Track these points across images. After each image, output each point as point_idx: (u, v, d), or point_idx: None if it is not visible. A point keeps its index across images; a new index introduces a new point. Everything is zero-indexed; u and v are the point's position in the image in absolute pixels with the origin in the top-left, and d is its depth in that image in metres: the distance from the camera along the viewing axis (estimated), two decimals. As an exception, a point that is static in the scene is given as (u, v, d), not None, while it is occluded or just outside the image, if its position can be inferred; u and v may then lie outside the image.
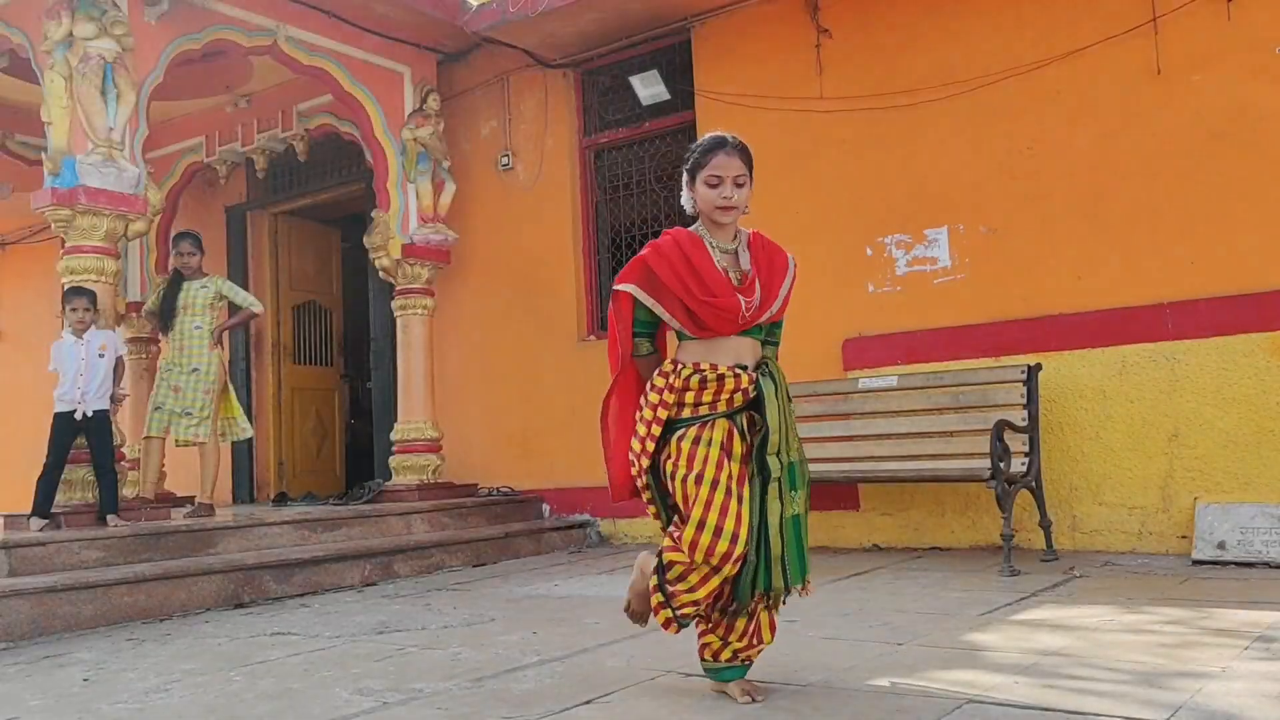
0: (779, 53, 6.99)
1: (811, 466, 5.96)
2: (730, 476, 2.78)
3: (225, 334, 6.72)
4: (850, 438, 6.17)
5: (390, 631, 4.37)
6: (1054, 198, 6.00)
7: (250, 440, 7.43)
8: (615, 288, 3.00)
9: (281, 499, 8.87)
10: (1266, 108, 5.41)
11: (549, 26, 7.39)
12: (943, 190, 6.35)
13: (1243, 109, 5.48)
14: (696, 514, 2.73)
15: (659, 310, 2.93)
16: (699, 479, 2.77)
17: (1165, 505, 5.54)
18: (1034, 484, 5.54)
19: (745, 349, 2.95)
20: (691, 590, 2.79)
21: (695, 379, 2.86)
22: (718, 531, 2.71)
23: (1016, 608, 4.17)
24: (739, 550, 2.73)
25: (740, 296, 2.87)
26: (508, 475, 7.96)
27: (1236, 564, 5.05)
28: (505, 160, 8.21)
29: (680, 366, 2.89)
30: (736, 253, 3.00)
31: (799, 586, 2.89)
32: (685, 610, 2.84)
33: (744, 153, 2.96)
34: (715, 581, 2.77)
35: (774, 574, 2.81)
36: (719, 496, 2.74)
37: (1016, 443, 5.51)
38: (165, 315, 6.53)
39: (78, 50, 6.01)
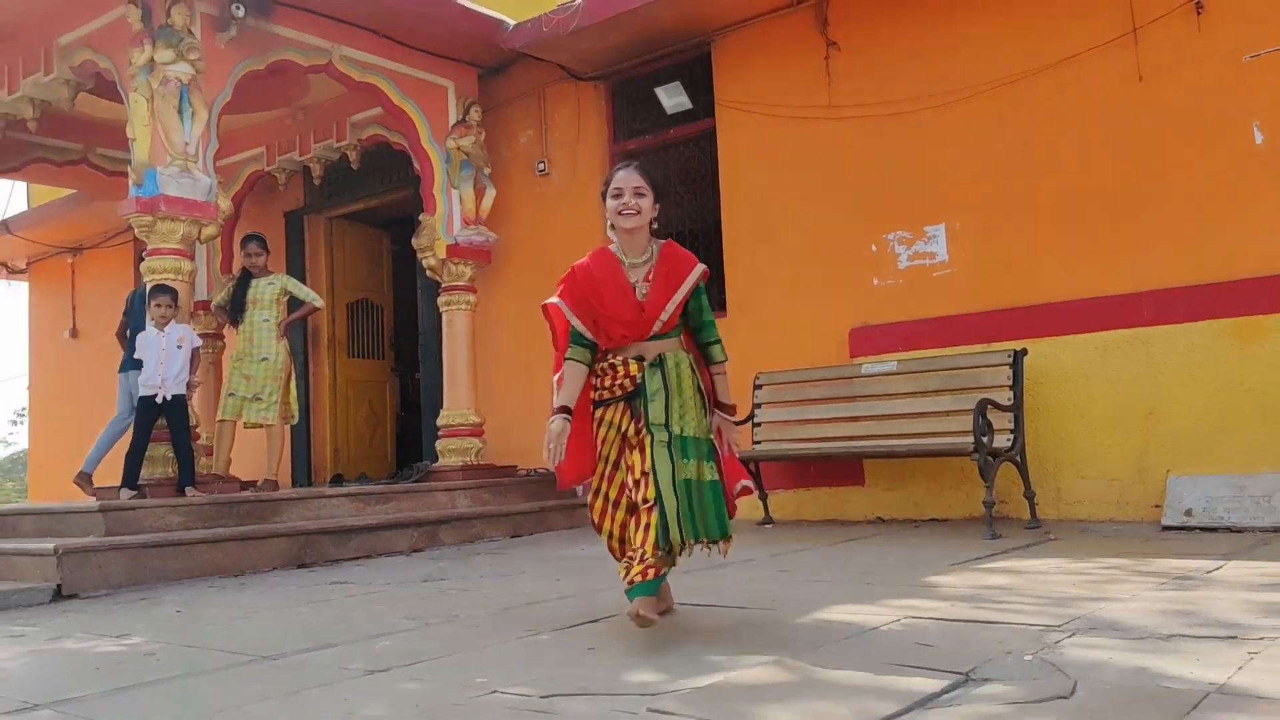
0: (792, 64, 7.55)
1: (819, 444, 6.60)
2: (616, 451, 3.37)
3: (289, 326, 7.42)
4: (855, 418, 6.72)
5: (434, 580, 5.02)
6: (1043, 196, 6.50)
7: (308, 428, 8.11)
8: (543, 303, 3.43)
9: (337, 480, 9.59)
10: (1234, 112, 5.87)
11: (580, 43, 8.02)
12: (941, 190, 6.86)
13: (1214, 113, 5.94)
14: (594, 483, 3.41)
15: (575, 322, 3.34)
16: (601, 457, 3.38)
17: (1141, 477, 6.02)
18: (1018, 458, 6.05)
19: (650, 349, 3.33)
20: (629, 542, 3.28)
21: (599, 367, 3.38)
22: (602, 495, 3.39)
23: (984, 560, 4.69)
24: (609, 518, 3.38)
25: (644, 309, 3.27)
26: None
27: (1201, 529, 5.52)
28: (541, 166, 8.86)
29: (601, 357, 3.40)
30: (647, 265, 3.32)
31: (715, 544, 3.22)
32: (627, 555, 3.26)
33: (645, 171, 3.33)
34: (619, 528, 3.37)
35: (671, 529, 3.09)
36: (607, 469, 3.38)
37: (1003, 421, 6.03)
38: (235, 310, 7.26)
39: (158, 74, 6.73)
